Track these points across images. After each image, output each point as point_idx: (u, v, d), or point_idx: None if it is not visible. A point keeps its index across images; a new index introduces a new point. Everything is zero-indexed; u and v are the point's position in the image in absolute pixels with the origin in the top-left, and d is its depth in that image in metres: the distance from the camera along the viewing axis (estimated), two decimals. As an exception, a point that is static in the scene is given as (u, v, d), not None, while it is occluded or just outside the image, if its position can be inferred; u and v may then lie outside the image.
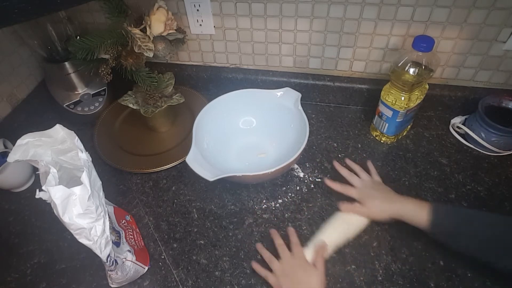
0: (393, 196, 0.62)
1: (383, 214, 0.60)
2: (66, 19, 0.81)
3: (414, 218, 0.56)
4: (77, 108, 0.85)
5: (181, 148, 0.79)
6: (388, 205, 0.60)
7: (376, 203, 0.61)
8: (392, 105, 0.71)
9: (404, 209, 0.58)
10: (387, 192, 0.63)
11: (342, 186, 0.66)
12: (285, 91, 0.76)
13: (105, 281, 0.58)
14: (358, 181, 0.66)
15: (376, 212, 0.61)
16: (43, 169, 0.48)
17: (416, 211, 0.56)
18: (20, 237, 0.67)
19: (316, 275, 0.54)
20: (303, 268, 0.55)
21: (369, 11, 0.72)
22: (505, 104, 0.74)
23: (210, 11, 0.80)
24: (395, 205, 0.59)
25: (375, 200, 0.61)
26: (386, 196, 0.62)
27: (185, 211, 0.69)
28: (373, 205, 0.61)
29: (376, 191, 0.63)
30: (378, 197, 0.62)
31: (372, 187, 0.64)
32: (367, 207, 0.61)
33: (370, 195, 0.62)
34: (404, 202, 0.59)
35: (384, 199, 0.61)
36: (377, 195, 0.62)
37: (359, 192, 0.64)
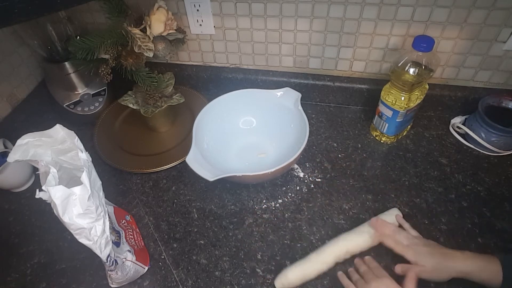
0: (450, 252, 0.54)
1: (444, 273, 0.53)
2: (66, 19, 0.81)
3: (483, 275, 0.50)
4: (77, 108, 0.85)
5: (181, 148, 0.79)
6: (450, 263, 0.53)
7: (435, 262, 0.53)
8: (392, 105, 0.71)
9: (466, 267, 0.52)
10: (438, 248, 0.55)
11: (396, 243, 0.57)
12: (285, 91, 0.76)
13: (105, 281, 0.58)
14: (406, 239, 0.57)
15: (436, 271, 0.53)
16: (43, 169, 0.48)
17: (483, 268, 0.51)
18: (20, 237, 0.67)
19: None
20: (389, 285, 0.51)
21: (369, 11, 0.72)
22: (505, 104, 0.74)
23: (210, 11, 0.80)
24: (458, 262, 0.52)
25: (432, 258, 0.53)
26: (442, 252, 0.54)
27: (185, 211, 0.69)
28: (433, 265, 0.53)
29: (431, 248, 0.55)
30: (435, 254, 0.54)
31: (423, 245, 0.56)
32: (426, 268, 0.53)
33: (425, 253, 0.54)
34: (467, 258, 0.52)
35: (442, 255, 0.53)
36: (433, 252, 0.54)
37: (413, 251, 0.55)
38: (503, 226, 0.62)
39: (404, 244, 0.56)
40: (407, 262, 0.55)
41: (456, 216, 0.65)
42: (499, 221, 0.63)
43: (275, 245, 0.63)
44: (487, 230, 0.62)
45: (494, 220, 0.64)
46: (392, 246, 0.57)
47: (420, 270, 0.53)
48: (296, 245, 0.62)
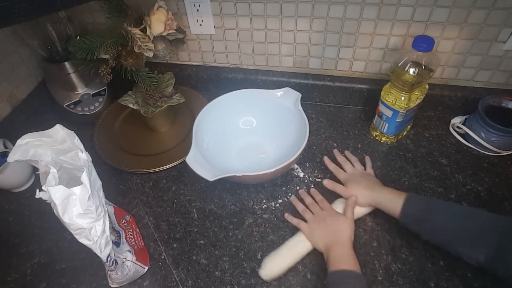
0: (376, 185, 0.64)
1: (362, 200, 0.62)
2: (66, 19, 0.81)
3: (389, 206, 0.59)
4: (77, 108, 0.85)
5: (181, 148, 0.79)
6: (368, 192, 0.62)
7: (358, 188, 0.63)
8: (392, 105, 0.71)
9: (381, 197, 0.61)
10: (372, 182, 0.65)
11: (336, 168, 0.70)
12: (285, 91, 0.76)
13: (105, 281, 0.58)
14: (350, 168, 0.70)
15: (356, 193, 0.63)
16: (43, 169, 0.48)
17: (392, 200, 0.58)
18: (20, 237, 0.67)
19: (345, 221, 0.59)
20: (333, 216, 0.61)
21: (369, 11, 0.72)
22: (505, 104, 0.74)
23: (210, 11, 0.80)
24: (374, 192, 0.62)
25: (358, 185, 0.64)
26: (369, 184, 0.64)
27: (185, 211, 0.69)
28: (355, 189, 0.64)
29: (363, 179, 0.66)
30: (362, 183, 0.64)
31: (360, 176, 0.67)
32: (349, 190, 0.64)
33: (355, 181, 0.65)
34: (383, 191, 0.62)
35: (367, 186, 0.63)
36: (362, 182, 0.65)
37: (348, 176, 0.67)
38: (503, 226, 0.62)
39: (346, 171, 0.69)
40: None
41: (456, 216, 0.65)
42: (499, 221, 0.63)
43: (275, 245, 0.63)
44: (487, 230, 0.62)
45: (494, 220, 0.64)
46: (334, 171, 0.70)
47: (343, 190, 0.65)
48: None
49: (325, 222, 0.60)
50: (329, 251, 0.55)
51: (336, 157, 0.73)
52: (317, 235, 0.59)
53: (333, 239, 0.57)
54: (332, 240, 0.57)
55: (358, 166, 0.70)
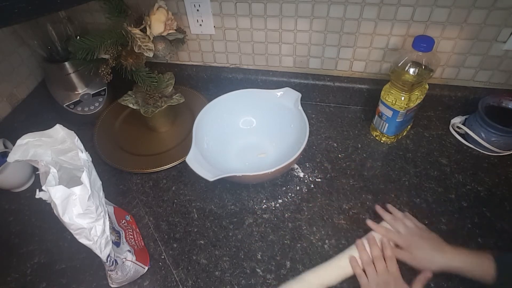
0: (445, 246, 0.56)
1: (433, 265, 0.54)
2: (66, 19, 0.81)
3: (474, 271, 0.52)
4: (77, 108, 0.85)
5: (181, 148, 0.79)
6: (440, 255, 0.54)
7: (424, 252, 0.55)
8: (392, 105, 0.71)
9: (458, 262, 0.53)
10: (436, 241, 0.57)
11: (387, 231, 0.60)
12: (285, 91, 0.76)
13: (105, 281, 0.58)
14: (403, 228, 0.59)
15: (423, 261, 0.55)
16: (43, 169, 0.48)
17: (475, 264, 0.52)
18: (20, 237, 0.67)
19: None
20: (398, 285, 0.53)
21: (369, 11, 0.72)
22: (505, 104, 0.74)
23: (210, 11, 0.80)
24: (448, 255, 0.54)
25: (422, 248, 0.56)
26: (436, 245, 0.56)
27: (185, 211, 0.69)
28: (422, 254, 0.55)
29: (424, 239, 0.57)
30: (425, 245, 0.56)
31: (418, 235, 0.58)
32: (414, 256, 0.56)
33: (417, 244, 0.56)
34: (456, 252, 0.54)
35: (434, 248, 0.55)
36: (425, 244, 0.56)
37: (405, 239, 0.58)
38: (503, 226, 0.62)
39: (400, 232, 0.59)
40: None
41: (456, 216, 0.65)
42: (499, 221, 0.63)
43: (275, 245, 0.63)
44: (487, 230, 0.62)
45: (494, 220, 0.64)
46: (383, 233, 0.59)
47: (407, 257, 0.56)
48: (296, 245, 0.62)
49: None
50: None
51: (382, 215, 0.63)
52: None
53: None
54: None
55: (409, 223, 0.60)
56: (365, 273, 0.55)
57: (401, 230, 0.59)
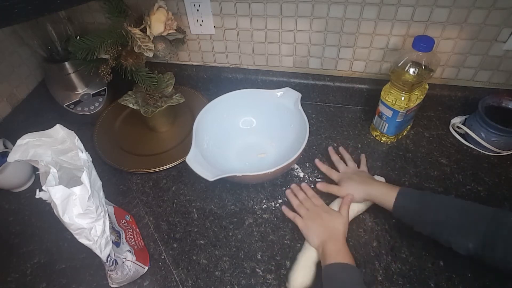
0: (369, 180, 0.65)
1: (357, 195, 0.63)
2: (66, 19, 0.81)
3: (383, 199, 0.60)
4: (77, 108, 0.85)
5: (181, 148, 0.79)
6: (362, 186, 0.63)
7: (352, 185, 0.64)
8: (392, 105, 0.71)
9: (375, 191, 0.61)
10: (365, 177, 0.66)
11: (328, 168, 0.71)
12: (285, 91, 0.76)
13: (105, 281, 0.58)
14: (343, 167, 0.71)
15: (349, 192, 0.63)
16: (43, 169, 0.48)
17: (385, 193, 0.59)
18: (20, 237, 0.67)
19: (339, 217, 0.60)
20: (328, 212, 0.62)
21: (369, 11, 0.72)
22: (505, 104, 0.74)
23: (210, 11, 0.80)
24: (368, 186, 0.63)
25: (352, 182, 0.65)
26: (363, 179, 0.65)
27: (185, 211, 0.69)
28: (348, 186, 0.64)
29: (357, 175, 0.66)
30: (355, 180, 0.65)
31: (354, 173, 0.68)
32: (343, 188, 0.65)
33: (349, 178, 0.66)
34: (376, 184, 0.63)
35: (360, 182, 0.64)
36: (355, 178, 0.65)
37: (341, 175, 0.68)
38: (503, 226, 0.62)
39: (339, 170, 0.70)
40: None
41: (456, 216, 0.65)
42: (499, 221, 0.63)
43: (275, 245, 0.63)
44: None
45: (494, 220, 0.64)
46: (326, 172, 0.71)
47: (337, 189, 0.66)
48: (296, 245, 0.62)
49: (320, 218, 0.61)
50: (324, 246, 0.56)
51: (331, 155, 0.74)
52: (312, 230, 0.60)
53: (328, 234, 0.58)
54: (328, 235, 0.58)
55: (351, 165, 0.71)
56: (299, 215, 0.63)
57: (340, 168, 0.70)
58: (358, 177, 0.66)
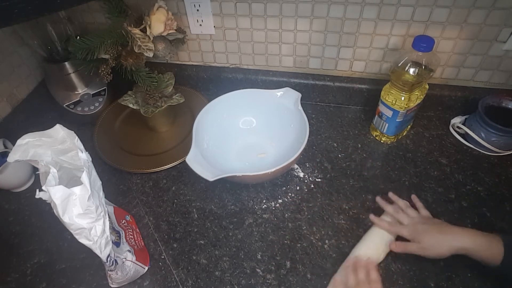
0: (452, 228, 0.55)
1: (442, 249, 0.53)
2: (66, 19, 0.81)
3: (485, 252, 0.50)
4: (77, 108, 0.85)
5: (181, 148, 0.79)
6: (448, 237, 0.53)
7: (432, 238, 0.54)
8: (392, 105, 0.71)
9: (470, 241, 0.51)
10: (440, 225, 0.56)
11: (390, 224, 0.59)
12: (285, 91, 0.76)
13: (105, 281, 0.58)
14: (406, 219, 0.59)
15: (433, 248, 0.54)
16: (43, 169, 0.48)
17: (487, 244, 0.50)
18: (20, 237, 0.67)
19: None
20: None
21: (369, 11, 0.72)
22: (505, 104, 0.74)
23: (210, 11, 0.80)
24: (457, 236, 0.53)
25: (429, 234, 0.54)
26: (442, 229, 0.55)
27: (185, 211, 0.69)
28: (429, 241, 0.54)
29: (429, 225, 0.56)
30: (431, 231, 0.55)
31: (422, 222, 0.57)
32: (422, 244, 0.54)
33: (422, 231, 0.55)
34: (468, 233, 0.53)
35: (441, 232, 0.54)
36: (430, 229, 0.55)
37: (410, 229, 0.56)
38: (503, 226, 0.62)
39: (404, 223, 0.58)
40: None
41: (456, 216, 0.65)
42: (499, 221, 0.63)
43: (275, 245, 0.63)
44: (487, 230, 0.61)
45: (494, 220, 0.64)
46: (386, 227, 0.59)
47: (416, 247, 0.54)
48: (296, 245, 0.62)
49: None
50: None
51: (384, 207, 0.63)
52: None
53: None
54: None
55: (412, 213, 0.60)
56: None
57: (405, 221, 0.58)
58: (432, 227, 0.55)
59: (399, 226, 0.58)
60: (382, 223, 0.59)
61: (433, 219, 0.59)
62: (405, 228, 0.57)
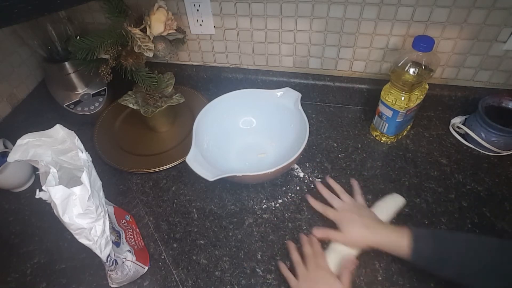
0: (373, 223, 0.58)
1: (361, 242, 0.57)
2: (66, 19, 0.81)
3: (394, 249, 0.54)
4: (77, 108, 0.85)
5: (181, 148, 0.79)
6: (367, 232, 0.56)
7: (355, 230, 0.57)
8: (392, 105, 0.71)
9: (383, 240, 0.55)
10: (368, 217, 0.59)
11: (323, 206, 0.63)
12: (285, 91, 0.76)
13: (105, 281, 0.58)
14: (339, 203, 0.63)
15: (353, 239, 0.57)
16: (43, 169, 0.48)
17: (395, 242, 0.53)
18: (20, 237, 0.67)
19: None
20: (327, 280, 0.53)
21: (369, 11, 0.72)
22: (505, 104, 0.74)
23: (210, 11, 0.80)
24: (374, 234, 0.56)
25: (354, 225, 0.58)
26: (366, 222, 0.58)
27: (185, 211, 0.69)
28: (351, 232, 0.57)
29: (357, 215, 0.59)
30: (357, 222, 0.58)
31: (352, 211, 0.60)
32: (344, 233, 0.58)
33: (349, 220, 0.59)
34: (383, 230, 0.56)
35: (364, 225, 0.57)
36: (357, 220, 0.58)
37: (339, 216, 0.60)
38: (503, 226, 0.62)
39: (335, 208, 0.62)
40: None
41: (456, 216, 0.65)
42: (499, 221, 0.63)
43: (275, 245, 0.63)
44: (487, 230, 0.62)
45: (494, 220, 0.64)
46: (320, 210, 0.63)
47: (338, 236, 0.58)
48: (296, 245, 0.62)
49: (317, 285, 0.53)
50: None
51: (321, 191, 0.66)
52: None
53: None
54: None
55: (346, 199, 0.64)
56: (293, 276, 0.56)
57: (336, 205, 0.62)
58: (360, 219, 0.58)
59: (329, 209, 0.62)
60: (317, 205, 0.64)
61: (365, 209, 0.61)
62: (333, 212, 0.62)
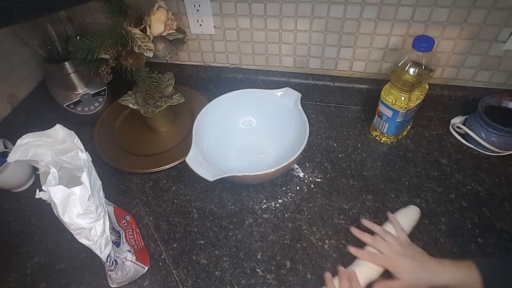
0: (430, 264, 0.54)
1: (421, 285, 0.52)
2: (66, 19, 0.81)
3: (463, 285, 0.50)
4: (77, 108, 0.85)
5: (181, 148, 0.79)
6: (428, 275, 0.52)
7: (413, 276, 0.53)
8: (392, 105, 0.71)
9: (450, 281, 0.51)
10: (418, 257, 0.55)
11: (372, 256, 0.57)
12: (285, 91, 0.76)
13: (105, 281, 0.58)
14: (385, 248, 0.57)
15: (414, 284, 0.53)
16: (43, 169, 0.48)
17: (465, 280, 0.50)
18: (20, 237, 0.67)
19: None
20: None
21: (369, 11, 0.72)
22: (505, 104, 0.74)
23: (210, 11, 0.80)
24: (436, 276, 0.52)
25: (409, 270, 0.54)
26: (419, 263, 0.54)
27: (185, 211, 0.69)
28: (412, 278, 0.53)
29: (410, 258, 0.55)
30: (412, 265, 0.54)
31: (401, 253, 0.55)
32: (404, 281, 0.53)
33: (403, 264, 0.54)
34: (446, 270, 0.52)
35: (421, 268, 0.53)
36: (411, 263, 0.54)
37: (390, 261, 0.55)
38: (503, 226, 0.63)
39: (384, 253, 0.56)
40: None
41: (456, 216, 0.65)
42: (499, 221, 0.63)
43: (275, 245, 0.63)
44: (487, 230, 0.62)
45: (494, 220, 0.64)
46: (368, 259, 0.57)
47: (398, 285, 0.53)
48: (296, 245, 0.62)
49: None
50: None
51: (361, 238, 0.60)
52: None
53: None
54: None
55: (390, 239, 0.58)
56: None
57: (384, 250, 0.57)
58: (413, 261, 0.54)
59: (380, 257, 0.57)
60: (364, 255, 0.58)
61: (412, 246, 0.57)
62: (385, 259, 0.56)
